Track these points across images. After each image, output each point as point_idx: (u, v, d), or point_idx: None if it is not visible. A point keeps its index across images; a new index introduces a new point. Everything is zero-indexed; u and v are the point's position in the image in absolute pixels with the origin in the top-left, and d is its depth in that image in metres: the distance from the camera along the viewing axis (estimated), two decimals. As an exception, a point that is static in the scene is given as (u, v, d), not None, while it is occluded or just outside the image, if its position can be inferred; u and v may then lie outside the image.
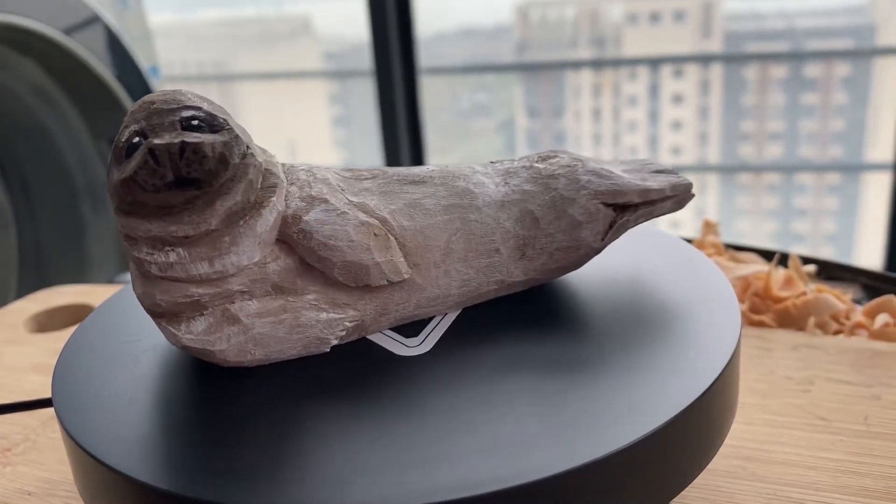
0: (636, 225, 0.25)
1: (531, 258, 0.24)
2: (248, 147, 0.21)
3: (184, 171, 0.19)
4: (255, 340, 0.21)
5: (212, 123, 0.20)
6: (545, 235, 0.24)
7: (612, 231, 0.24)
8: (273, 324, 0.21)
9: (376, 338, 0.23)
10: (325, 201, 0.22)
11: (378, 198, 0.23)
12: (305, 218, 0.21)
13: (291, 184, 0.22)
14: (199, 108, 0.20)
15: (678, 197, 0.25)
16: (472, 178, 0.24)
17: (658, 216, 0.25)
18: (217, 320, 0.21)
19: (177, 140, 0.19)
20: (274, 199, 0.21)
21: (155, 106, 0.20)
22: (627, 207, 0.24)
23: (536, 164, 0.25)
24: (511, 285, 0.24)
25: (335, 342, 0.22)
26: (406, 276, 0.22)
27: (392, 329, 0.23)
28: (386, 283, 0.22)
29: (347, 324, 0.22)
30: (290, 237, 0.21)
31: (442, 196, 0.24)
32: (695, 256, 0.27)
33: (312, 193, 0.22)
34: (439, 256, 0.23)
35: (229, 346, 0.21)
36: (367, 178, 0.24)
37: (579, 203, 0.24)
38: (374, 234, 0.22)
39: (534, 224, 0.24)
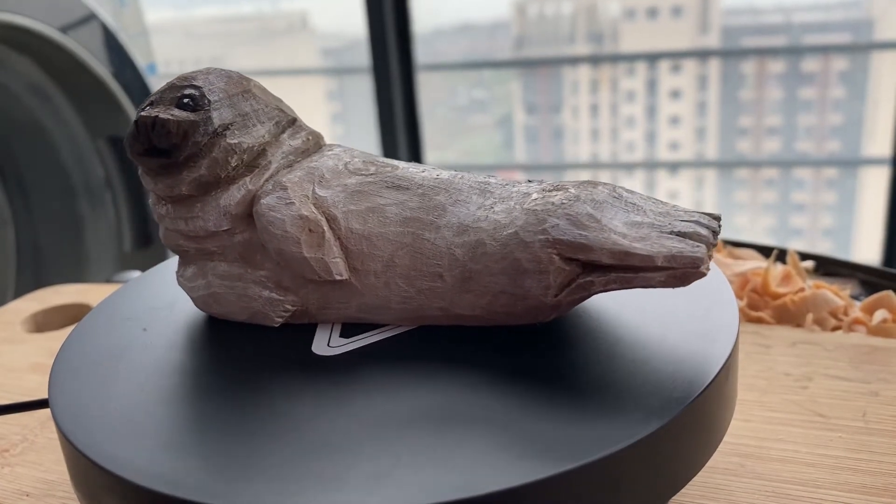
0: (606, 290, 0.21)
1: (476, 294, 0.22)
2: (224, 129, 0.23)
3: (154, 142, 0.22)
4: (213, 297, 0.24)
5: (198, 103, 0.23)
6: (489, 274, 0.21)
7: (569, 290, 0.21)
8: (227, 288, 0.24)
9: (321, 327, 0.24)
10: (285, 189, 0.23)
11: (347, 196, 0.23)
12: (262, 201, 0.23)
13: (289, 165, 0.24)
14: (198, 88, 0.23)
15: (676, 271, 0.19)
16: (460, 193, 0.22)
17: (644, 287, 0.20)
18: (197, 271, 0.24)
19: (153, 115, 0.22)
20: (247, 178, 0.23)
21: (173, 82, 0.24)
22: (598, 267, 0.20)
23: (535, 194, 0.22)
24: (460, 317, 0.22)
25: (279, 321, 0.24)
26: (339, 278, 0.23)
27: (342, 323, 0.24)
28: (318, 278, 0.23)
29: (289, 307, 0.24)
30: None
31: (410, 207, 0.22)
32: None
33: (283, 179, 0.23)
34: (380, 267, 0.22)
35: (198, 296, 0.25)
36: (361, 173, 0.24)
37: (531, 249, 0.20)
38: (310, 230, 0.22)
39: (482, 259, 0.21)
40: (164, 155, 0.23)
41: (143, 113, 0.23)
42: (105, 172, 0.79)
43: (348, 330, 0.23)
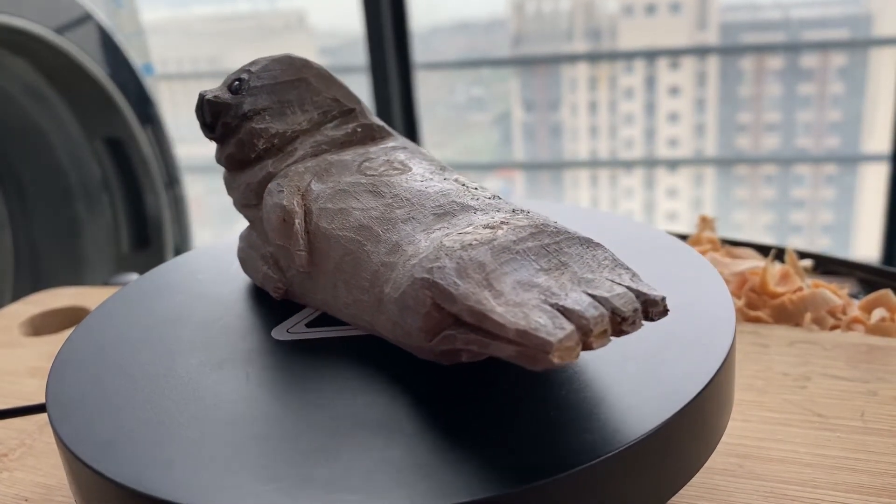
0: (468, 350, 0.18)
1: (385, 317, 0.20)
2: (255, 113, 0.25)
3: (203, 118, 0.26)
4: (244, 262, 0.27)
5: (241, 87, 0.25)
6: (389, 301, 0.20)
7: (438, 339, 0.19)
8: (248, 255, 0.27)
9: (300, 312, 0.25)
10: (286, 177, 0.24)
11: (331, 193, 0.23)
12: (268, 184, 0.25)
13: (315, 154, 0.25)
14: (249, 73, 0.26)
15: (524, 349, 0.17)
16: (421, 210, 0.22)
17: (498, 357, 0.18)
18: (246, 235, 0.27)
19: (202, 93, 0.26)
20: (270, 161, 0.25)
21: (243, 65, 0.26)
22: (464, 322, 0.18)
23: (470, 227, 0.20)
24: (384, 337, 0.21)
25: (276, 296, 0.25)
26: (300, 270, 0.24)
27: (321, 311, 0.24)
28: (288, 265, 0.24)
29: (279, 285, 0.25)
30: None
31: (371, 215, 0.22)
32: (688, 253, 0.27)
33: (291, 167, 0.25)
34: (331, 268, 0.22)
35: (239, 256, 0.28)
36: (365, 173, 0.24)
37: (415, 285, 0.19)
38: (284, 220, 0.23)
39: (389, 283, 0.20)
40: (211, 130, 0.26)
41: (202, 90, 0.26)
42: (102, 174, 0.79)
43: (318, 320, 0.24)
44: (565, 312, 0.17)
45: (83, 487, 0.19)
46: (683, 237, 0.42)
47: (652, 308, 0.18)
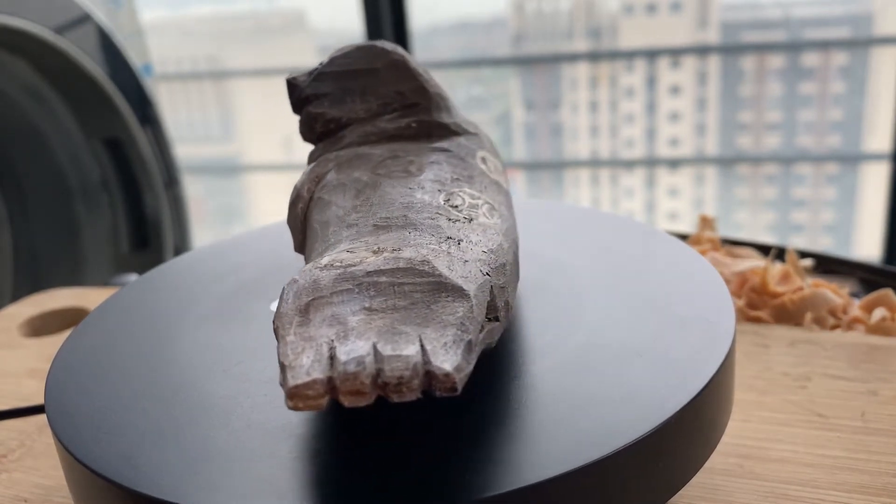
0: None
1: None
2: (315, 98, 0.26)
3: None
4: None
5: (312, 73, 0.26)
6: None
7: None
8: None
9: None
10: (316, 160, 0.25)
11: (335, 186, 0.24)
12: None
13: (360, 143, 0.26)
14: (331, 58, 0.26)
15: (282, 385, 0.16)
16: (369, 219, 0.21)
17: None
18: None
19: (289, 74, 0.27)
20: (322, 143, 0.26)
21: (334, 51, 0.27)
22: None
23: (365, 253, 0.19)
24: None
25: None
26: (294, 253, 0.25)
27: None
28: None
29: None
30: None
31: (337, 214, 0.22)
32: (688, 253, 0.27)
33: (324, 154, 0.26)
34: (312, 258, 0.23)
35: None
36: (373, 172, 0.24)
37: (280, 293, 0.19)
38: (292, 203, 0.24)
39: None
40: None
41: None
42: (101, 174, 0.79)
43: None
44: (332, 361, 0.16)
45: (81, 488, 0.19)
46: (684, 237, 0.42)
47: (435, 382, 0.16)
